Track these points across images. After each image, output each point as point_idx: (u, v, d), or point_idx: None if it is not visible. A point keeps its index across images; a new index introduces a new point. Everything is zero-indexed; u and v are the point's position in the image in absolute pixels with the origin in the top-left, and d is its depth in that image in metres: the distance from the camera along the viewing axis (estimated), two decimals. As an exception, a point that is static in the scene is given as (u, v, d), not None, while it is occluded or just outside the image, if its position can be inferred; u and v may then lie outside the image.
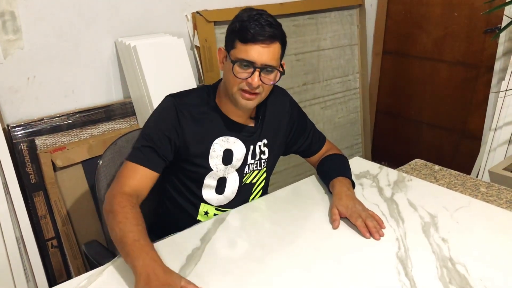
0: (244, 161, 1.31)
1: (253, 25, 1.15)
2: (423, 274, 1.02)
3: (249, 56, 1.15)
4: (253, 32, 1.14)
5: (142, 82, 1.89)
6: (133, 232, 1.02)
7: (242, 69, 1.17)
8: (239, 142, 1.29)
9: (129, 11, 1.96)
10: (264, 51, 1.16)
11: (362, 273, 1.04)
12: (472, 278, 1.00)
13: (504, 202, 1.32)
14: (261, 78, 1.18)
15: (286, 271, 1.05)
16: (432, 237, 1.16)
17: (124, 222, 1.05)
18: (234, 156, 1.28)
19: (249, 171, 1.33)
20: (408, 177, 1.46)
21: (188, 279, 0.97)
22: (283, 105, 1.39)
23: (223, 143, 1.27)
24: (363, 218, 1.19)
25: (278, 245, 1.15)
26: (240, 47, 1.16)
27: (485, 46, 2.55)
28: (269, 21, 1.17)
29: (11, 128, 1.74)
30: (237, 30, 1.17)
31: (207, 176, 1.28)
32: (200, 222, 1.29)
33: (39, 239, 1.79)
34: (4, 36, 1.71)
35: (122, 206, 1.09)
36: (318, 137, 1.48)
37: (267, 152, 1.35)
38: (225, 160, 1.28)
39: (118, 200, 1.10)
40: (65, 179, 1.82)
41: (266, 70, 1.18)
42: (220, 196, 1.32)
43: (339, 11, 2.73)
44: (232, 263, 1.08)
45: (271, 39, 1.16)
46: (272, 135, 1.36)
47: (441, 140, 2.89)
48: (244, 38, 1.15)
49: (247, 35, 1.15)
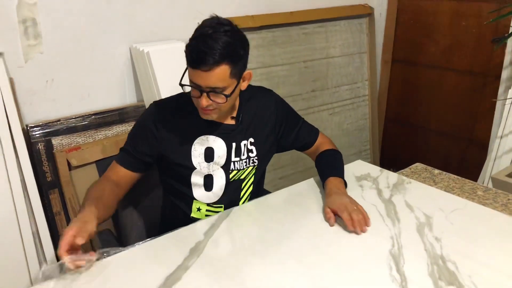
0: (228, 158, 1.37)
1: (195, 50, 1.16)
2: (414, 270, 1.07)
3: (195, 80, 1.20)
4: (195, 58, 1.16)
5: (154, 86, 1.97)
6: (87, 198, 1.25)
7: (193, 90, 1.23)
8: (219, 140, 1.36)
9: (144, 19, 2.05)
10: (208, 76, 1.17)
11: (355, 267, 1.09)
12: (461, 274, 1.05)
13: (500, 205, 1.36)
14: (212, 99, 1.22)
15: (284, 264, 1.10)
16: (426, 236, 1.20)
17: (88, 192, 1.27)
18: (215, 153, 1.36)
19: (235, 168, 1.39)
20: (408, 180, 1.51)
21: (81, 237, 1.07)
22: (268, 105, 1.44)
23: (203, 142, 1.35)
24: (349, 211, 1.24)
25: (277, 240, 1.20)
26: (189, 69, 1.21)
27: (492, 55, 2.58)
28: (215, 43, 1.15)
29: (30, 128, 1.83)
30: (186, 51, 1.19)
31: (193, 174, 1.36)
32: (195, 218, 1.37)
33: (53, 234, 1.87)
34: (26, 41, 1.81)
35: (96, 184, 1.32)
36: (310, 130, 1.54)
37: (254, 150, 1.41)
38: (207, 158, 1.36)
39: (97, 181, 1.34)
40: (79, 177, 1.91)
41: (213, 91, 1.21)
42: (209, 193, 1.39)
43: (349, 20, 2.80)
44: (232, 256, 1.14)
45: (213, 64, 1.15)
46: (258, 134, 1.41)
47: (448, 147, 2.92)
48: (189, 62, 1.19)
49: (191, 59, 1.17)
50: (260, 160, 1.43)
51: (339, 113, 2.89)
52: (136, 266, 1.10)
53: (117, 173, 1.36)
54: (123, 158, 1.37)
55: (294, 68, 2.62)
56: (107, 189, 1.30)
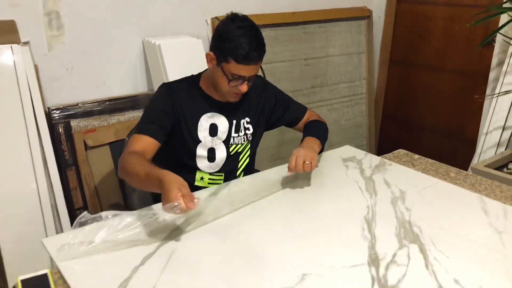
0: (229, 134, 1.57)
1: (245, 46, 1.36)
2: (383, 231, 1.24)
3: (241, 73, 1.40)
4: (245, 55, 1.36)
5: (164, 76, 2.16)
6: (144, 168, 1.25)
7: (234, 81, 1.43)
8: (222, 117, 1.55)
9: (156, 15, 2.25)
10: (255, 67, 1.42)
11: (333, 228, 1.26)
12: (423, 236, 1.22)
13: (468, 185, 1.53)
14: (249, 84, 1.45)
15: (271, 224, 1.28)
16: (398, 207, 1.37)
17: (134, 166, 1.28)
18: (218, 129, 1.55)
19: (234, 142, 1.59)
20: (389, 162, 1.68)
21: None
22: (259, 87, 1.63)
23: (208, 119, 1.53)
24: (297, 155, 1.42)
25: (267, 206, 1.38)
26: (233, 65, 1.38)
27: (482, 57, 2.74)
28: (259, 40, 1.40)
29: (51, 111, 2.02)
30: (231, 48, 1.37)
31: (198, 147, 1.54)
32: (199, 187, 1.55)
33: (69, 207, 2.06)
34: (49, 32, 2.01)
35: (130, 159, 1.32)
36: (299, 107, 1.74)
37: (251, 128, 1.61)
38: (211, 133, 1.54)
39: (126, 157, 1.35)
40: (94, 157, 2.10)
41: (252, 78, 1.45)
42: (212, 163, 1.58)
43: (348, 21, 2.97)
44: (228, 218, 1.32)
45: (260, 59, 1.41)
46: (253, 113, 1.62)
47: (441, 144, 3.08)
48: (237, 59, 1.37)
49: (240, 56, 1.36)
50: (254, 136, 1.63)
51: (337, 109, 3.06)
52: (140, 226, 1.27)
53: (143, 143, 1.40)
54: (147, 128, 1.43)
55: (295, 65, 2.80)
56: (142, 158, 1.34)
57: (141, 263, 1.10)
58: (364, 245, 1.18)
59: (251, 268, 1.09)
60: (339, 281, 1.05)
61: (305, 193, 1.47)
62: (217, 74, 1.45)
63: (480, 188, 1.51)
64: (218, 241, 1.20)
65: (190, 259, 1.13)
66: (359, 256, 1.13)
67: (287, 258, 1.13)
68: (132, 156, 1.34)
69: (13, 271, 1.86)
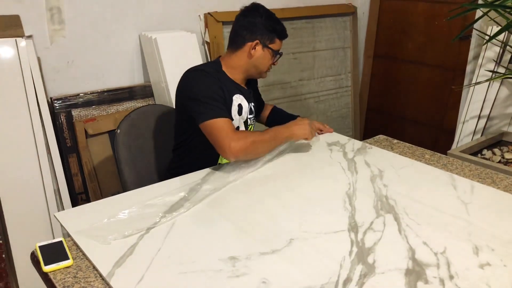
0: (248, 115, 1.75)
1: (281, 24, 1.68)
2: (362, 204, 1.38)
3: (280, 48, 1.70)
4: (284, 31, 1.69)
5: (160, 69, 2.28)
6: (267, 133, 1.56)
7: (274, 57, 1.70)
8: (244, 99, 1.72)
9: (152, 10, 2.37)
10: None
11: (317, 201, 1.40)
12: (398, 207, 1.36)
13: (441, 165, 1.68)
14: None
15: (263, 199, 1.42)
16: (377, 183, 1.51)
17: (257, 140, 1.53)
18: (243, 110, 1.71)
19: (249, 123, 1.77)
20: (369, 146, 1.82)
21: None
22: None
23: (237, 99, 1.69)
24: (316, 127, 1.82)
25: (257, 183, 1.51)
26: (278, 43, 1.68)
27: (460, 51, 2.91)
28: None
29: (53, 101, 2.14)
30: (278, 30, 1.66)
31: None
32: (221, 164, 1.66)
33: (71, 192, 2.18)
34: (52, 26, 2.12)
35: (244, 142, 1.49)
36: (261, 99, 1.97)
37: (254, 111, 1.79)
38: (239, 112, 1.70)
39: (236, 144, 1.48)
40: (94, 144, 2.22)
41: None
42: None
43: (334, 17, 3.12)
44: (223, 192, 1.45)
45: None
46: (254, 99, 1.81)
47: (422, 134, 3.25)
48: (282, 36, 1.68)
49: (283, 33, 1.68)
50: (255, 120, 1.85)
51: (324, 101, 3.21)
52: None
53: (229, 123, 1.52)
54: (220, 112, 1.52)
55: (284, 59, 2.93)
56: (250, 132, 1.62)
57: (146, 231, 1.24)
58: (345, 215, 1.32)
59: (244, 234, 1.23)
60: (322, 245, 1.19)
61: (292, 172, 1.61)
62: (264, 56, 1.67)
63: (452, 167, 1.66)
64: (214, 212, 1.34)
65: (188, 228, 1.26)
66: (340, 224, 1.27)
67: (276, 226, 1.27)
68: (241, 133, 1.57)
69: (18, 251, 1.98)
